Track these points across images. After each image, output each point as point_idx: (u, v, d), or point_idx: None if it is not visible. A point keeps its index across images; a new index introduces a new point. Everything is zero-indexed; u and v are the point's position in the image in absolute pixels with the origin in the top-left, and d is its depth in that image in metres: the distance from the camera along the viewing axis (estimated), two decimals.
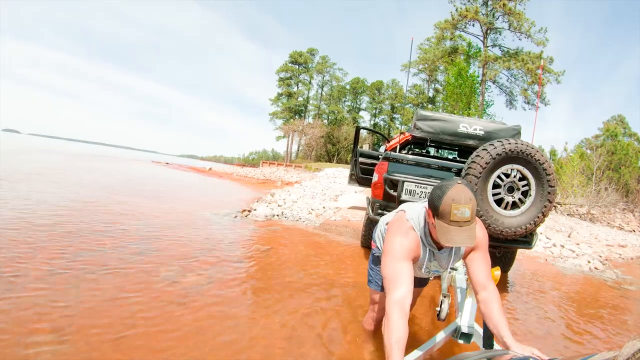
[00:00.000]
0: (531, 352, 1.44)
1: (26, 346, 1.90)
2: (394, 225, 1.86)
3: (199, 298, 2.79)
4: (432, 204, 1.62)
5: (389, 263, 1.72)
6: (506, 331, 1.60)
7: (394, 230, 1.82)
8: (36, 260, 3.11)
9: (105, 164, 20.39)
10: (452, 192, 1.56)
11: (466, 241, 1.57)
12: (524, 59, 32.23)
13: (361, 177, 5.34)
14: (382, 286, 2.17)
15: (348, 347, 2.33)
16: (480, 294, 1.76)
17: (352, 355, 2.21)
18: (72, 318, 2.24)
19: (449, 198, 1.55)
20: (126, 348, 1.99)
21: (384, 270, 1.73)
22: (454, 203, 1.54)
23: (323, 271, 3.92)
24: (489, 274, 1.81)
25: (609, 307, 4.17)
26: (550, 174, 3.30)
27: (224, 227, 5.60)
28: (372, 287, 2.34)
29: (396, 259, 1.71)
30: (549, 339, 3.00)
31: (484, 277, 1.79)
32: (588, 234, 11.62)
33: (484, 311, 1.72)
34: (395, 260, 1.71)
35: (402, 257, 1.72)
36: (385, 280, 1.70)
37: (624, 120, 37.67)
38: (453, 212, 1.54)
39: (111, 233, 4.33)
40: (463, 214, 1.54)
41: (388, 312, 1.56)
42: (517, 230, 3.35)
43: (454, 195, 1.55)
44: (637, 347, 0.89)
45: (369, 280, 2.37)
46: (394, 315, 1.54)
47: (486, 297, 1.73)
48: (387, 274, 1.70)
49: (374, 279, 2.33)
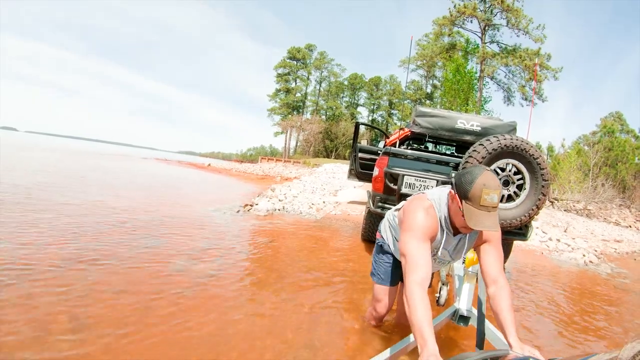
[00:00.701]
0: (531, 352, 1.43)
1: (45, 335, 1.97)
2: (414, 202, 1.84)
3: (206, 288, 2.90)
4: (462, 188, 1.63)
5: (410, 241, 1.70)
6: (511, 329, 1.56)
7: (415, 206, 1.80)
8: (48, 253, 3.22)
9: (109, 162, 20.44)
10: (483, 177, 1.59)
11: (493, 226, 1.59)
12: (521, 56, 32.31)
13: (360, 172, 5.44)
14: (384, 279, 2.24)
15: (352, 337, 2.40)
16: (490, 287, 1.72)
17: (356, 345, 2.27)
18: (87, 308, 2.33)
19: (480, 183, 1.58)
20: (138, 338, 2.07)
21: (404, 247, 1.70)
22: (485, 188, 1.57)
23: (326, 263, 4.04)
24: (501, 268, 1.79)
25: (602, 298, 4.30)
26: (544, 169, 3.42)
27: (227, 221, 5.72)
28: (374, 280, 2.31)
29: (418, 237, 1.70)
30: (544, 330, 3.13)
31: (496, 270, 1.76)
32: (584, 229, 11.77)
33: (493, 307, 1.68)
34: (417, 239, 1.69)
35: (424, 235, 1.71)
36: (406, 259, 1.66)
37: (622, 117, 37.79)
38: (484, 197, 1.57)
39: (117, 227, 4.43)
40: (492, 199, 1.58)
41: (410, 293, 1.52)
42: (512, 222, 3.48)
43: (484, 181, 1.58)
44: (637, 349, 0.88)
45: (372, 272, 2.34)
46: (417, 295, 1.51)
47: (496, 293, 1.69)
48: (408, 252, 1.67)
49: (376, 271, 2.30)
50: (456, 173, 1.72)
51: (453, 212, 1.76)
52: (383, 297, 2.28)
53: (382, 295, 2.28)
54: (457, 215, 1.73)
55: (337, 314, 2.72)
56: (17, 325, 2.02)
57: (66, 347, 1.89)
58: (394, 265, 2.25)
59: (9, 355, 1.78)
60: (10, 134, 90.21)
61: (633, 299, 4.51)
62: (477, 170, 1.62)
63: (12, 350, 1.82)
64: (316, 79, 60.99)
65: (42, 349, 1.86)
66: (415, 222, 1.73)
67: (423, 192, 1.92)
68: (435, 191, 1.89)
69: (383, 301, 2.28)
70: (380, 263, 2.29)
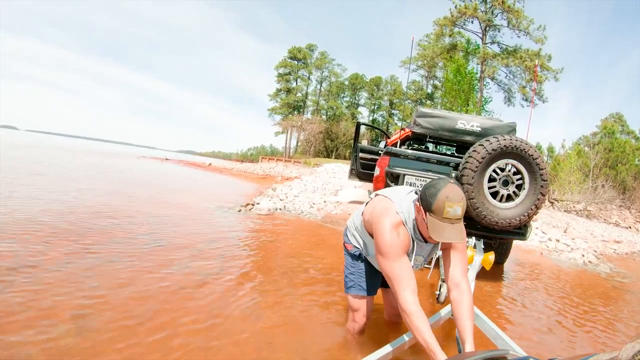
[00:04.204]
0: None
1: (48, 332, 1.99)
2: (384, 219, 1.81)
3: (207, 286, 2.94)
4: (426, 201, 1.65)
5: (393, 262, 1.72)
6: (469, 337, 1.62)
7: (385, 224, 1.79)
8: (52, 251, 3.27)
9: (112, 160, 20.47)
10: (445, 190, 1.61)
11: (457, 238, 1.62)
12: (522, 56, 32.34)
13: (361, 171, 5.48)
14: (366, 289, 2.19)
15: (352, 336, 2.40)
16: (452, 291, 1.77)
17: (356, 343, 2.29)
18: (90, 306, 2.36)
19: (443, 196, 1.60)
20: (144, 335, 2.10)
21: (387, 270, 1.73)
22: (447, 201, 1.59)
23: (326, 261, 4.08)
24: (464, 272, 1.83)
25: (601, 298, 4.34)
26: (543, 169, 3.47)
27: (229, 220, 5.76)
28: (353, 292, 2.20)
29: (399, 256, 1.73)
30: (543, 329, 3.16)
31: (459, 274, 1.80)
32: (584, 230, 11.81)
33: (454, 312, 1.74)
34: (399, 258, 1.72)
35: (403, 252, 1.75)
36: (394, 280, 1.70)
37: (622, 118, 37.75)
38: (446, 210, 1.59)
39: (122, 225, 4.48)
40: (455, 212, 1.60)
41: (410, 309, 1.60)
42: (511, 221, 3.53)
43: (447, 194, 1.60)
44: (636, 349, 0.89)
45: (349, 286, 2.22)
46: (417, 311, 1.60)
47: (457, 297, 1.74)
48: (395, 274, 1.70)
49: (356, 283, 2.19)
50: (423, 185, 1.74)
51: (419, 223, 1.78)
52: (361, 307, 2.21)
53: (361, 304, 2.21)
54: (422, 226, 1.75)
55: (337, 312, 2.76)
56: (21, 322, 2.05)
57: (71, 343, 1.92)
58: (372, 271, 2.21)
59: (11, 354, 1.82)
60: (10, 133, 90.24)
61: (632, 299, 4.54)
62: (441, 183, 1.65)
63: (15, 347, 1.86)
64: (317, 79, 61.08)
65: (47, 345, 1.89)
66: (391, 245, 1.73)
67: (390, 199, 1.90)
68: (402, 200, 1.88)
69: (361, 310, 2.21)
70: (358, 273, 2.20)
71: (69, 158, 17.13)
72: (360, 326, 2.24)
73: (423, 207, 1.68)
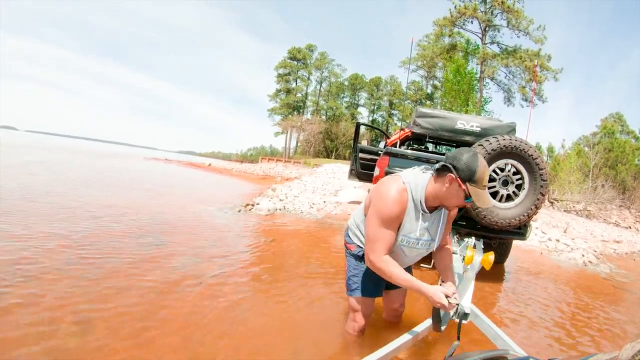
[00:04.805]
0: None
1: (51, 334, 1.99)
2: (389, 184, 1.86)
3: (208, 286, 2.94)
4: (466, 172, 1.72)
5: (385, 226, 1.82)
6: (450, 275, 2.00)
7: (393, 189, 1.83)
8: (52, 251, 3.27)
9: (123, 162, 20.48)
10: (480, 160, 1.74)
11: (491, 201, 1.84)
12: (522, 57, 32.36)
13: (361, 172, 5.48)
14: (372, 291, 2.15)
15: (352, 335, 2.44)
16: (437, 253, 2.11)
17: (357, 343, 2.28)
18: (92, 306, 2.37)
19: (482, 166, 1.72)
20: (145, 336, 2.10)
21: (376, 230, 1.82)
22: (486, 170, 1.73)
23: (326, 261, 4.08)
24: (448, 240, 2.15)
25: (601, 298, 4.34)
26: (542, 169, 3.47)
27: (228, 221, 5.76)
28: (357, 295, 2.14)
29: (393, 222, 1.82)
30: (543, 329, 3.16)
31: (445, 239, 2.12)
32: (584, 230, 11.81)
33: (437, 257, 2.12)
34: (391, 225, 1.82)
35: (397, 222, 1.84)
36: (375, 241, 1.82)
37: (622, 118, 37.75)
38: (485, 179, 1.74)
39: (119, 226, 4.48)
40: (487, 178, 1.76)
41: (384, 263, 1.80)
42: (511, 221, 3.53)
43: (482, 163, 1.74)
44: (636, 349, 0.89)
45: (353, 288, 2.15)
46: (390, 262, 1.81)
47: (440, 254, 2.11)
48: (380, 236, 1.81)
49: (360, 285, 2.13)
50: (451, 157, 1.79)
51: (449, 195, 1.81)
52: (363, 308, 2.17)
53: (363, 306, 2.17)
54: (454, 196, 1.81)
55: (337, 310, 2.76)
56: (23, 322, 2.05)
57: (72, 343, 1.93)
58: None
59: (14, 351, 1.82)
60: (10, 133, 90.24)
61: (632, 299, 4.54)
62: (473, 155, 1.75)
63: (17, 345, 1.86)
64: (317, 79, 61.12)
65: (48, 345, 1.89)
66: (392, 208, 1.81)
67: (397, 174, 1.95)
68: (409, 174, 1.92)
69: (363, 311, 2.18)
70: (362, 275, 2.14)
71: (81, 161, 17.12)
72: (361, 326, 2.20)
73: (462, 178, 1.73)
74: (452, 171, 1.76)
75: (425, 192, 1.86)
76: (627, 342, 0.93)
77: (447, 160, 1.79)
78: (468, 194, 1.75)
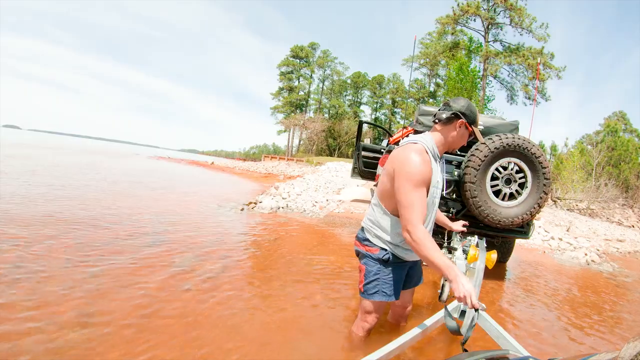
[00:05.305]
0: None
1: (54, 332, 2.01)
2: (409, 151, 1.91)
3: (211, 284, 2.96)
4: (472, 116, 2.01)
5: (416, 190, 1.83)
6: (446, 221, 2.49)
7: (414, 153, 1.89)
8: (54, 249, 3.29)
9: (130, 161, 20.52)
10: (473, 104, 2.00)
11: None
12: (524, 55, 32.24)
13: (364, 170, 5.48)
14: (391, 294, 2.07)
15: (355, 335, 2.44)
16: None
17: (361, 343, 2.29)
18: (94, 303, 2.39)
19: (475, 108, 2.03)
20: (147, 334, 2.12)
21: (410, 196, 1.82)
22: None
23: (329, 259, 4.10)
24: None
25: (603, 297, 4.33)
26: (545, 167, 3.47)
27: (231, 219, 5.78)
28: (378, 299, 2.05)
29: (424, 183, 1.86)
30: (545, 328, 3.17)
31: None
32: (587, 229, 11.77)
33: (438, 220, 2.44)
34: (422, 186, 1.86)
35: (423, 182, 1.86)
36: (410, 207, 1.80)
37: (625, 117, 37.63)
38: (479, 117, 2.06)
39: (122, 224, 4.51)
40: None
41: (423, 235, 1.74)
42: (514, 220, 3.53)
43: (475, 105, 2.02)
44: (638, 348, 0.86)
45: (373, 292, 2.06)
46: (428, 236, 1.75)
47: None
48: (414, 200, 1.81)
49: (381, 289, 2.05)
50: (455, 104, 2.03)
51: (459, 137, 2.06)
52: (378, 310, 2.13)
53: (376, 308, 2.11)
54: (463, 138, 2.07)
55: (342, 310, 2.78)
56: (23, 321, 2.07)
57: (73, 343, 1.94)
58: (399, 275, 2.12)
59: (17, 348, 1.84)
60: (13, 132, 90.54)
61: (635, 298, 4.53)
62: (469, 102, 2.03)
63: (20, 342, 1.88)
64: (319, 78, 61.13)
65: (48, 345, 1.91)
66: (420, 172, 1.86)
67: (403, 144, 2.05)
68: (411, 139, 2.04)
69: (377, 313, 2.13)
70: (384, 279, 2.06)
71: (90, 160, 17.18)
72: (371, 327, 2.17)
73: (469, 122, 2.01)
74: (460, 117, 2.01)
75: (435, 142, 2.05)
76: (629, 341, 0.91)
77: (455, 109, 2.01)
78: (473, 133, 2.05)
